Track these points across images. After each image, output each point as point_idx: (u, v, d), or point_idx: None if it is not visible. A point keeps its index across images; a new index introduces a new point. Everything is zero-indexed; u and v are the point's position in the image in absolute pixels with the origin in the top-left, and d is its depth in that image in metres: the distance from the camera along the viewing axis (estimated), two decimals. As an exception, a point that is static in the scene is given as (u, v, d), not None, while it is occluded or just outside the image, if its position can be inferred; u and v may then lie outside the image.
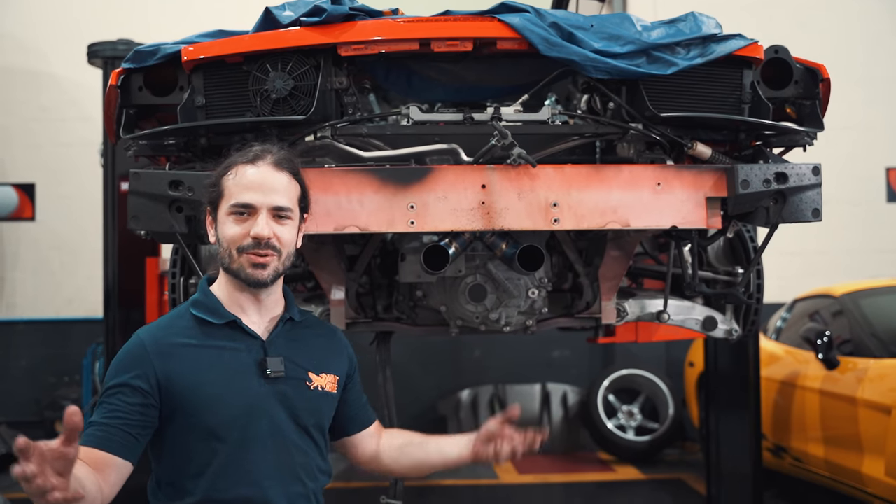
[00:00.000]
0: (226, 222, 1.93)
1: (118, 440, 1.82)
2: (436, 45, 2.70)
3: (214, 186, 1.98)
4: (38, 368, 7.58)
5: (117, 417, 1.82)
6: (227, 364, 1.91)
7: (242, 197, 1.91)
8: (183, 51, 2.73)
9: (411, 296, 3.33)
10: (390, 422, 3.30)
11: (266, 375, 1.93)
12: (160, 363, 1.87)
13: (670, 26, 2.78)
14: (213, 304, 1.97)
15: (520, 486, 6.55)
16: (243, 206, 1.92)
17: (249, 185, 1.92)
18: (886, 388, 4.46)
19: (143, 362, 1.87)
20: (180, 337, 1.92)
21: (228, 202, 1.93)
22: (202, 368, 1.89)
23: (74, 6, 7.91)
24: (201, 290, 2.02)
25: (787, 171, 2.73)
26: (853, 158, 7.68)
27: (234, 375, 1.91)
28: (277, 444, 1.92)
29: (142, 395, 1.84)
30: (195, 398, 1.87)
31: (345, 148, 2.78)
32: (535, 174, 2.67)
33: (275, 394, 1.93)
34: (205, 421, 1.87)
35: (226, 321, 1.95)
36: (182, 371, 1.88)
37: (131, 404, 1.83)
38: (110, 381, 1.88)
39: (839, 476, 4.85)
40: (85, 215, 7.73)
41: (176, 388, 1.87)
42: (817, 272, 7.43)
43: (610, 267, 3.19)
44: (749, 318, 3.51)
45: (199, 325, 1.94)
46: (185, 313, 1.98)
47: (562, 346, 7.83)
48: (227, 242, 1.93)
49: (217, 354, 1.91)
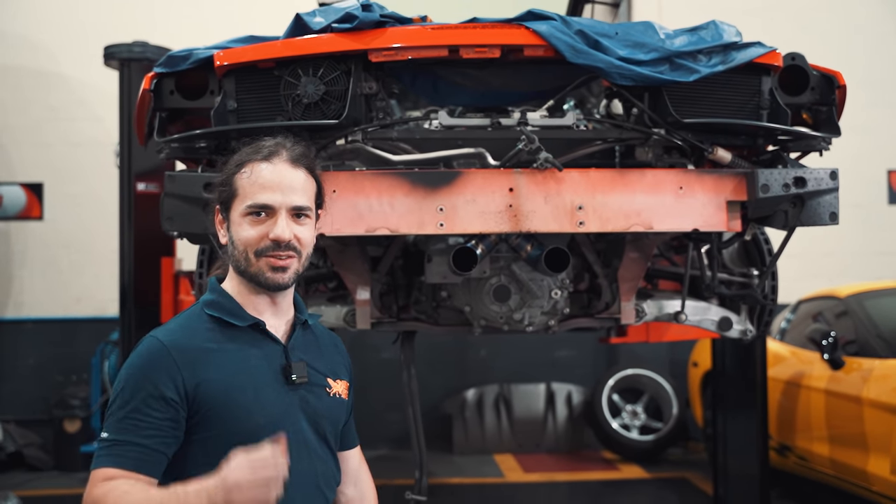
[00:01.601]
0: (241, 224, 1.80)
1: (155, 462, 1.71)
2: (464, 52, 2.77)
3: (226, 185, 1.83)
4: (46, 367, 7.60)
5: (152, 436, 1.69)
6: (253, 370, 1.79)
7: (260, 197, 1.78)
8: (216, 56, 2.80)
9: (434, 296, 3.40)
10: (414, 418, 3.36)
11: (291, 382, 1.82)
12: (188, 370, 1.73)
13: (692, 34, 2.85)
14: (233, 306, 1.83)
15: (525, 484, 6.60)
16: (261, 207, 1.78)
17: (267, 184, 1.79)
18: (891, 388, 4.53)
19: (169, 369, 1.73)
20: (203, 341, 1.78)
21: (244, 203, 1.79)
22: (229, 375, 1.76)
23: (83, 6, 7.94)
24: (215, 290, 1.87)
25: (805, 176, 2.81)
26: (855, 161, 7.74)
27: (260, 382, 1.79)
28: (301, 452, 1.80)
29: (173, 409, 1.71)
30: (224, 407, 1.74)
31: (375, 151, 2.85)
32: (560, 178, 2.74)
33: (298, 401, 1.83)
34: (233, 430, 1.73)
35: (249, 324, 1.82)
36: (210, 378, 1.74)
37: (162, 420, 1.70)
38: (136, 387, 1.72)
39: (844, 475, 4.92)
40: (93, 215, 7.78)
41: (204, 396, 1.73)
42: (820, 274, 7.50)
43: (629, 268, 3.27)
44: (763, 318, 3.59)
45: (220, 327, 1.81)
46: (199, 314, 1.83)
47: (566, 346, 7.90)
48: (243, 245, 1.79)
49: (243, 359, 1.79)
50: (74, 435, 7.08)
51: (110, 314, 7.55)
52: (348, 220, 2.67)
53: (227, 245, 1.84)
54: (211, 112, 2.80)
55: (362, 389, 2.14)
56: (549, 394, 7.65)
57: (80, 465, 6.99)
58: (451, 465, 7.02)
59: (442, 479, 6.40)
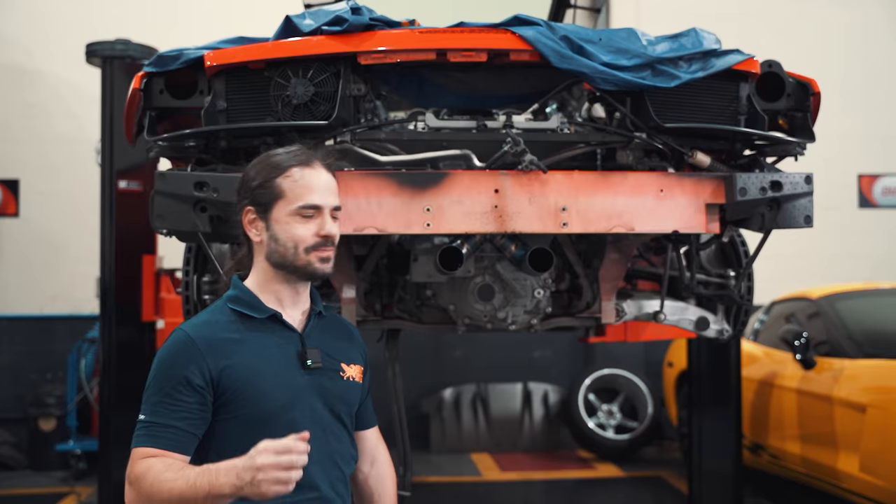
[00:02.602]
0: (290, 223, 2.00)
1: (187, 442, 1.91)
2: (452, 56, 2.82)
3: (266, 188, 2.02)
4: (20, 365, 7.55)
5: (184, 419, 1.89)
6: (271, 356, 1.99)
7: (311, 199, 2.01)
8: (206, 56, 2.83)
9: (419, 295, 3.45)
10: (399, 415, 3.41)
11: (306, 367, 2.01)
12: (212, 359, 1.93)
13: (674, 41, 2.92)
14: (252, 300, 2.03)
15: (502, 483, 6.67)
16: (311, 208, 2.01)
17: (314, 187, 2.02)
18: (861, 388, 4.65)
19: (195, 358, 1.92)
20: (226, 332, 1.98)
21: (294, 203, 2.00)
22: (250, 361, 1.95)
23: (60, 3, 7.90)
24: (237, 287, 2.07)
25: (781, 180, 2.89)
26: (827, 165, 7.89)
27: (278, 367, 1.99)
28: (317, 431, 1.98)
29: (200, 394, 1.91)
30: (245, 391, 1.93)
31: (363, 152, 2.89)
32: (545, 180, 2.80)
33: (313, 384, 2.02)
34: (254, 412, 1.94)
35: (267, 315, 2.02)
36: (232, 365, 1.93)
37: (192, 404, 1.90)
38: (167, 375, 1.92)
39: (815, 472, 5.03)
40: (69, 212, 7.75)
41: (227, 382, 1.93)
42: (792, 276, 7.64)
43: (610, 269, 3.34)
44: (739, 318, 3.67)
45: (241, 319, 2.01)
46: (223, 308, 2.04)
47: (543, 346, 7.98)
48: (293, 242, 2.00)
49: (261, 347, 1.99)
50: (49, 433, 7.05)
51: (86, 312, 7.54)
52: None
53: (263, 242, 2.03)
54: (201, 112, 2.82)
55: None
56: (526, 393, 7.73)
57: (55, 463, 6.98)
58: (428, 464, 7.07)
59: (419, 477, 6.45)
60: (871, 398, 4.50)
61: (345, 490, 2.07)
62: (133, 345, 5.18)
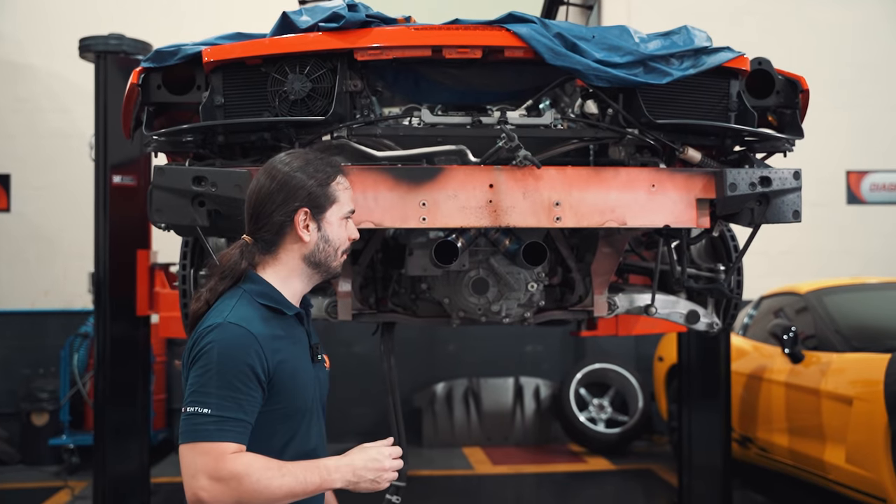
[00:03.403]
0: (341, 226, 2.13)
1: (248, 433, 1.96)
2: (447, 52, 2.85)
3: (325, 191, 2.10)
4: (13, 360, 7.55)
5: (251, 412, 1.94)
6: (301, 352, 2.09)
7: (352, 205, 2.17)
8: (204, 52, 2.85)
9: (414, 288, 3.49)
10: (394, 408, 3.45)
11: (316, 360, 2.13)
12: (269, 354, 1.97)
13: (665, 39, 2.96)
14: (279, 296, 2.07)
15: (493, 476, 6.72)
16: (352, 213, 2.17)
17: (351, 194, 2.18)
18: (848, 381, 4.71)
19: (258, 352, 1.95)
20: (271, 328, 2.01)
21: (345, 209, 2.13)
22: (292, 357, 2.04)
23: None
24: (262, 284, 2.07)
25: (770, 176, 2.94)
26: (815, 162, 7.97)
27: (305, 363, 2.09)
28: (319, 418, 2.14)
29: (261, 388, 1.96)
30: (290, 385, 2.01)
31: (359, 148, 2.93)
32: (539, 175, 2.84)
33: (316, 377, 2.14)
34: (289, 406, 2.02)
35: (293, 313, 2.09)
36: (282, 360, 2.00)
37: (255, 397, 1.94)
38: (234, 369, 1.93)
39: (802, 464, 5.10)
40: (61, 207, 7.75)
41: (279, 376, 1.99)
42: (781, 271, 7.72)
43: (602, 263, 3.39)
44: (729, 312, 3.73)
45: (274, 316, 2.04)
46: (252, 303, 2.03)
47: (534, 341, 8.02)
48: (338, 243, 2.13)
49: (293, 343, 2.06)
50: (42, 428, 7.06)
51: (79, 307, 7.55)
52: (334, 214, 2.75)
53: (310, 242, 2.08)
54: (199, 107, 2.85)
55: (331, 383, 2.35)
56: (518, 388, 7.78)
57: (48, 458, 6.99)
58: (420, 458, 7.11)
59: (412, 471, 6.48)
60: (858, 391, 4.56)
61: None
62: (127, 339, 5.18)
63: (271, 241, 2.09)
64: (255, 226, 2.10)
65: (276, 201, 2.07)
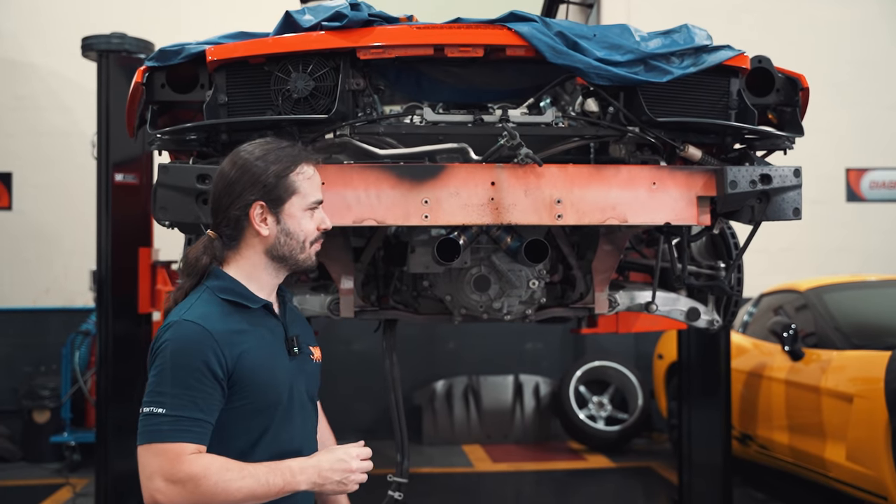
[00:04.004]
0: (303, 218, 2.07)
1: (209, 433, 1.92)
2: (449, 51, 2.87)
3: (281, 183, 2.04)
4: (14, 357, 7.58)
5: (209, 411, 1.90)
6: (269, 345, 2.04)
7: (318, 195, 2.10)
8: (208, 51, 2.87)
9: (415, 286, 3.51)
10: (396, 404, 3.47)
11: (293, 353, 2.08)
12: (227, 349, 1.94)
13: (666, 37, 2.98)
14: (243, 290, 2.04)
15: (493, 473, 6.74)
16: (318, 203, 2.11)
17: (318, 183, 2.11)
18: (848, 378, 4.73)
19: (213, 349, 1.92)
20: (230, 323, 1.98)
21: (308, 199, 2.07)
22: (255, 352, 1.99)
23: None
24: (224, 277, 2.05)
25: (771, 173, 2.96)
26: (815, 159, 7.99)
27: (275, 356, 2.04)
28: (303, 414, 2.10)
29: (219, 384, 1.92)
30: (254, 381, 1.96)
31: (362, 146, 2.95)
32: (540, 173, 2.86)
33: (297, 370, 2.09)
34: (258, 401, 1.98)
35: (260, 305, 2.05)
36: (242, 355, 1.96)
37: (213, 395, 1.91)
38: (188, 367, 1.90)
39: (803, 462, 5.12)
40: (62, 205, 7.76)
41: (240, 372, 1.95)
42: (780, 269, 7.73)
43: (602, 260, 3.40)
44: (729, 309, 3.75)
45: (237, 310, 2.01)
46: (213, 300, 2.02)
47: (534, 338, 8.04)
48: (303, 235, 2.08)
49: (260, 337, 2.02)
50: (44, 425, 7.07)
51: (80, 305, 7.57)
52: (337, 212, 2.77)
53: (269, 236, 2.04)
54: (202, 106, 2.86)
55: (331, 380, 2.34)
56: (517, 385, 7.80)
57: (50, 455, 7.01)
58: (420, 456, 7.13)
59: (411, 468, 6.49)
60: (858, 388, 4.58)
61: None
62: (129, 337, 5.21)
63: (232, 235, 2.07)
64: (215, 220, 2.09)
65: (232, 194, 2.04)
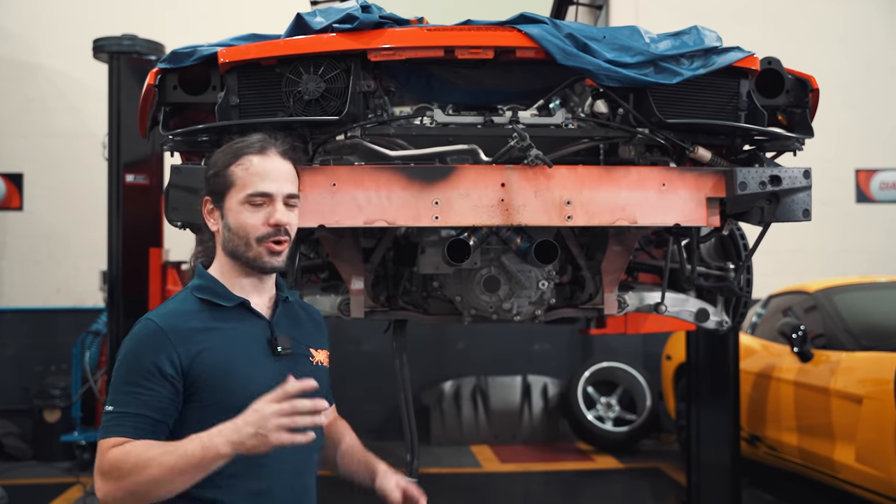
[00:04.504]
0: (241, 211, 1.97)
1: (157, 431, 1.86)
2: (459, 53, 2.88)
3: (220, 176, 1.99)
4: (25, 357, 7.63)
5: (154, 408, 1.85)
6: (242, 345, 1.96)
7: (260, 186, 1.96)
8: (220, 53, 2.89)
9: (425, 286, 3.52)
10: (406, 404, 3.48)
11: (276, 353, 1.99)
12: (182, 348, 1.89)
13: (676, 39, 2.99)
14: (219, 288, 2.00)
15: (501, 474, 6.75)
16: (261, 195, 1.96)
17: (265, 174, 1.97)
18: (857, 380, 4.72)
19: (165, 347, 1.88)
20: (193, 321, 1.94)
21: (244, 191, 1.96)
22: (221, 350, 1.92)
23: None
24: (202, 276, 2.03)
25: (780, 175, 2.97)
26: (825, 161, 7.98)
27: (250, 355, 1.96)
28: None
29: (170, 383, 1.87)
30: (217, 380, 1.89)
31: (373, 147, 2.96)
32: (550, 174, 2.87)
33: (283, 370, 1.95)
34: (226, 400, 1.88)
35: (235, 304, 1.99)
36: (203, 354, 1.90)
37: (162, 392, 1.86)
38: (136, 364, 1.88)
39: (812, 463, 5.11)
40: (73, 205, 7.81)
41: (198, 371, 1.89)
42: (789, 270, 7.72)
43: (612, 261, 3.41)
44: (738, 310, 3.75)
45: (209, 308, 1.97)
46: (188, 298, 2.00)
47: (542, 339, 8.05)
48: (244, 231, 1.97)
49: (233, 336, 1.95)
50: (54, 424, 7.12)
51: (89, 305, 7.61)
52: (348, 213, 2.79)
53: (219, 232, 2.01)
54: (215, 107, 2.88)
55: (341, 381, 2.26)
56: (526, 386, 7.80)
57: (60, 454, 7.05)
58: (428, 456, 7.14)
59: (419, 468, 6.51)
60: (867, 390, 4.57)
61: (311, 479, 2.06)
62: (140, 337, 5.24)
63: (207, 234, 2.06)
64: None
65: (199, 191, 2.05)
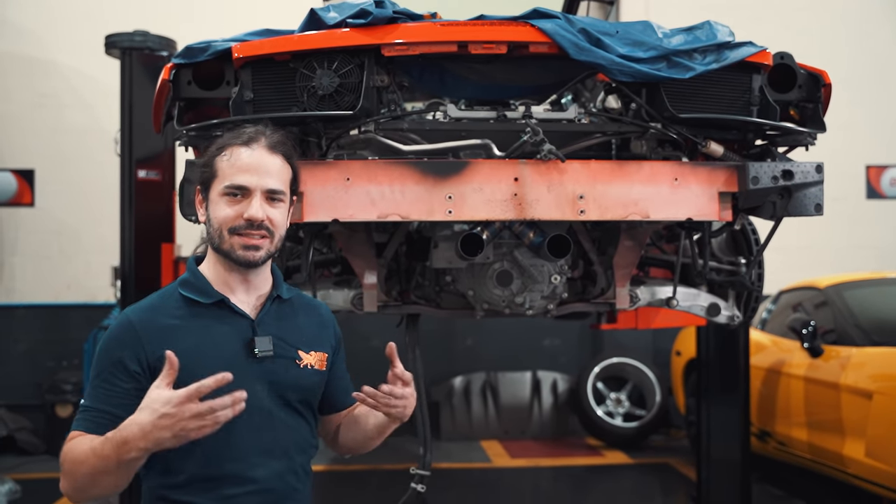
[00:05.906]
0: (219, 203, 1.93)
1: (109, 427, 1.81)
2: (473, 48, 2.89)
3: (207, 167, 1.97)
4: (37, 352, 7.67)
5: (119, 405, 1.82)
6: (215, 344, 1.91)
7: (237, 179, 1.91)
8: (234, 48, 2.90)
9: (438, 281, 3.53)
10: (419, 399, 3.49)
11: (254, 355, 1.93)
12: (150, 344, 1.86)
13: (688, 33, 2.99)
14: (202, 284, 1.96)
15: (511, 469, 6.76)
16: (237, 188, 1.91)
17: (244, 167, 1.92)
18: (867, 375, 4.72)
19: (133, 343, 1.87)
20: (168, 318, 1.91)
21: (222, 183, 1.92)
22: (192, 348, 1.87)
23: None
24: (190, 270, 2.00)
25: (793, 169, 2.97)
26: (836, 156, 7.93)
27: (222, 354, 1.90)
28: (263, 421, 1.92)
29: (135, 380, 1.84)
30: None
31: (386, 142, 2.98)
32: (563, 169, 2.88)
33: (262, 372, 1.93)
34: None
35: (214, 301, 1.95)
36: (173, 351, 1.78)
37: (128, 389, 1.84)
38: (103, 360, 1.87)
39: (822, 458, 5.11)
40: (84, 201, 7.84)
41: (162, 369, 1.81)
42: (799, 266, 7.70)
43: (624, 256, 3.42)
44: (749, 305, 3.76)
45: (188, 304, 1.94)
46: (173, 293, 1.97)
47: (552, 334, 8.06)
48: (218, 223, 1.93)
49: (205, 334, 1.91)
50: (66, 419, 7.15)
51: (101, 300, 7.65)
52: (362, 207, 2.80)
53: (205, 223, 1.98)
54: (229, 102, 2.90)
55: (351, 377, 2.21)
56: (535, 381, 7.82)
57: (72, 449, 7.09)
58: (438, 451, 7.13)
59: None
60: (878, 385, 4.57)
61: (298, 481, 1.99)
62: (152, 332, 5.26)
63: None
64: None
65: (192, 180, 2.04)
